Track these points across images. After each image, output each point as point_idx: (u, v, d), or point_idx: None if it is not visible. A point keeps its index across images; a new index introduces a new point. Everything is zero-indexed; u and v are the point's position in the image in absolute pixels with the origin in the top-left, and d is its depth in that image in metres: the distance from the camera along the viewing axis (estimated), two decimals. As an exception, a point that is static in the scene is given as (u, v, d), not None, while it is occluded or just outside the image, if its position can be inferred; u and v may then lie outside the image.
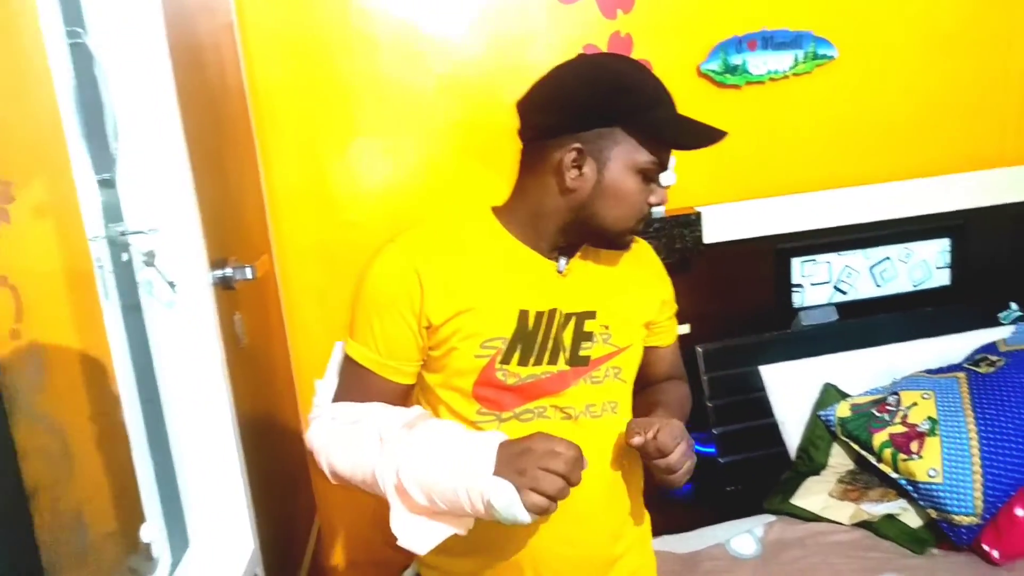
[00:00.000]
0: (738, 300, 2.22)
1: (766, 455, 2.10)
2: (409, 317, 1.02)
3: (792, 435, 2.10)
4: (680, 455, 1.00)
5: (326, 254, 2.00)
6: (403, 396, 1.09)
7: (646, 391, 1.27)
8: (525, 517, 0.85)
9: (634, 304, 1.17)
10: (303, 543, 1.80)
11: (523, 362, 1.05)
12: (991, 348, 2.09)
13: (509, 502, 0.84)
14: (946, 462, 1.77)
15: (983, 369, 1.98)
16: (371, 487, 0.96)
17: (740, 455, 2.11)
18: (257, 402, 1.53)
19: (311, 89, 1.93)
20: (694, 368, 2.15)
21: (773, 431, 2.11)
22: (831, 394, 2.08)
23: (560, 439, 0.90)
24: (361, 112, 1.97)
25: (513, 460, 0.87)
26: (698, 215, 2.07)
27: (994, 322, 2.25)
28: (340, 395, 1.08)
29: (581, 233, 1.07)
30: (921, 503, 1.80)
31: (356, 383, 1.06)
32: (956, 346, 2.16)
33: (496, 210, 1.11)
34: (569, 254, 1.10)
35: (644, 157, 1.02)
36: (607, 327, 1.11)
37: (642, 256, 1.23)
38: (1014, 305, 2.27)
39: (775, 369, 2.15)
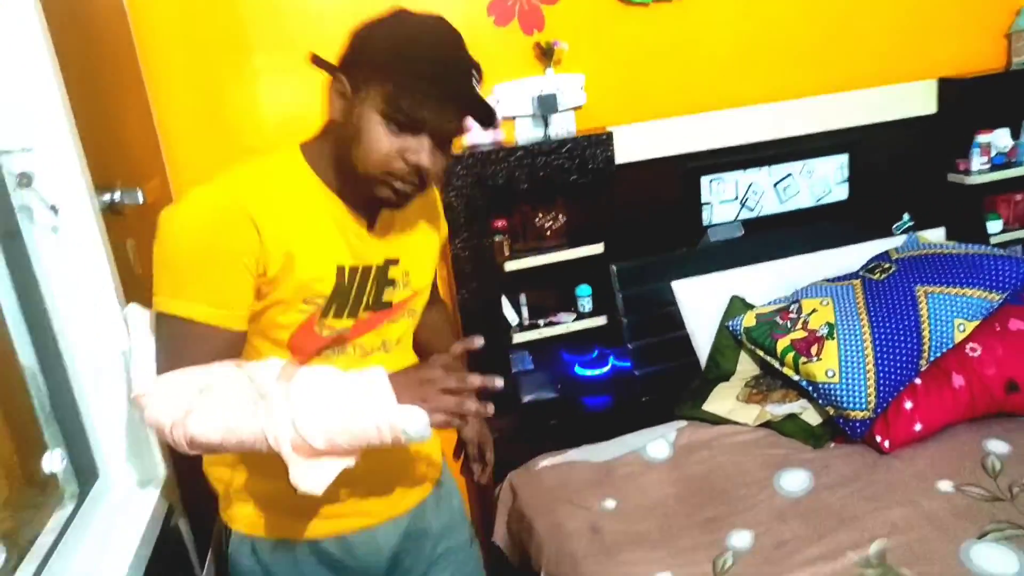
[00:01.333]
0: (649, 219, 2.27)
1: (678, 366, 2.18)
2: (250, 264, 0.97)
3: (702, 346, 2.19)
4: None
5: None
6: (241, 346, 1.03)
7: (427, 336, 1.34)
8: (430, 434, 0.92)
9: (429, 247, 1.23)
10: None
11: (338, 315, 1.06)
12: (884, 256, 2.21)
13: (421, 427, 0.90)
14: (843, 363, 1.88)
15: (876, 276, 2.09)
16: (248, 446, 0.92)
17: (654, 367, 2.19)
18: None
19: (199, 5, 1.81)
20: (608, 287, 2.19)
21: (685, 343, 2.20)
22: (737, 305, 2.17)
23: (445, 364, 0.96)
24: (255, 30, 1.87)
25: (412, 388, 0.92)
26: (609, 135, 2.07)
27: (889, 232, 2.38)
28: (170, 363, 0.97)
29: (352, 181, 1.04)
30: (820, 402, 1.91)
31: (191, 345, 0.96)
32: (853, 256, 2.27)
33: (304, 146, 1.07)
34: (376, 208, 1.09)
35: (387, 101, 0.97)
36: (407, 273, 1.15)
37: (430, 198, 1.26)
38: (907, 215, 2.40)
39: (686, 284, 2.22)
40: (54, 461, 1.10)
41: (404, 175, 1.00)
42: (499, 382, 0.95)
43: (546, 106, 2.04)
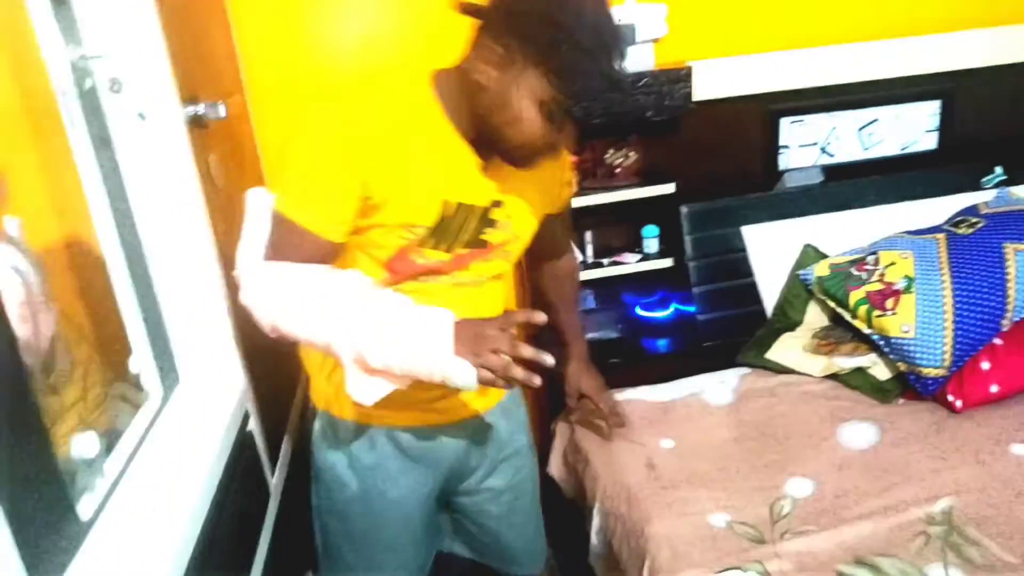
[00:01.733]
0: (724, 160, 2.20)
1: (743, 313, 2.14)
2: (354, 185, 1.02)
3: (770, 294, 2.14)
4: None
5: (299, 97, 1.92)
6: (336, 255, 1.09)
7: (546, 283, 1.53)
8: (475, 387, 0.96)
9: (539, 196, 1.23)
10: (293, 386, 1.83)
11: (436, 247, 1.11)
12: (972, 210, 2.10)
13: (468, 380, 0.95)
14: (920, 318, 1.82)
15: (962, 230, 2.00)
16: (319, 346, 1.02)
17: (718, 313, 2.15)
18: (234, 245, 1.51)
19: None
20: (677, 228, 2.15)
21: (751, 290, 2.15)
22: (810, 254, 2.10)
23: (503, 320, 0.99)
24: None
25: (468, 342, 0.95)
26: (689, 70, 1.99)
27: (978, 187, 2.26)
28: (273, 253, 1.05)
29: (485, 137, 1.06)
30: (892, 357, 1.86)
31: (292, 242, 1.04)
32: (938, 209, 2.17)
33: (437, 76, 1.09)
34: (490, 148, 1.10)
35: (547, 93, 0.98)
36: (510, 216, 1.18)
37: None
38: (999, 169, 2.27)
39: (757, 230, 2.16)
40: (140, 363, 1.15)
41: (545, 151, 1.06)
42: (550, 359, 0.97)
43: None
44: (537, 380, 0.96)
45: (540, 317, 1.00)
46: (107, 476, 0.99)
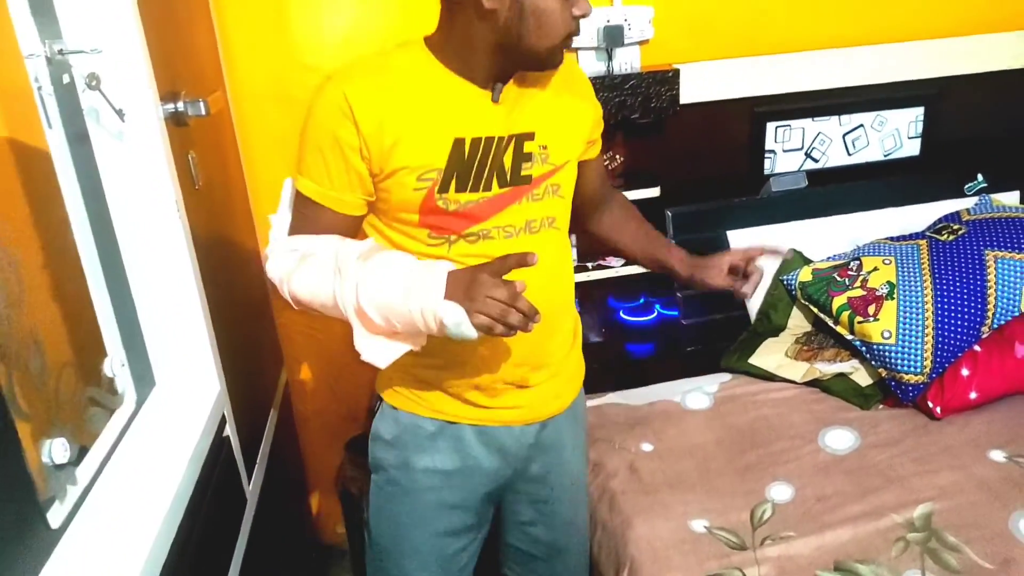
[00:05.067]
0: (709, 164, 2.20)
1: (727, 318, 2.14)
2: (349, 152, 1.06)
3: (754, 299, 2.14)
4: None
5: (283, 96, 1.89)
6: (353, 227, 1.13)
7: (606, 226, 1.46)
8: (472, 334, 0.96)
9: (570, 122, 1.21)
10: (271, 391, 1.81)
11: (460, 189, 1.09)
12: (954, 217, 2.12)
13: (458, 321, 0.94)
14: (900, 324, 1.83)
15: (944, 237, 2.01)
16: (331, 310, 1.04)
17: (702, 318, 2.15)
18: (216, 247, 1.48)
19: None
20: (662, 231, 2.14)
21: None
22: (794, 259, 2.11)
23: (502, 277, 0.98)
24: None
25: (462, 287, 0.96)
26: (676, 72, 1.99)
27: (960, 193, 2.27)
28: (294, 229, 1.13)
29: (511, 59, 1.07)
30: (873, 363, 1.87)
31: (308, 217, 1.11)
32: (921, 216, 2.18)
33: (428, 40, 1.11)
34: (504, 80, 1.11)
35: None
36: (545, 147, 1.15)
37: (573, 75, 1.25)
38: (980, 176, 2.29)
39: (742, 234, 2.16)
40: (114, 365, 1.12)
41: (575, 30, 1.06)
42: (534, 258, 0.98)
43: (612, 38, 1.96)
44: (539, 318, 0.97)
45: (533, 258, 0.99)
46: (79, 483, 0.97)
